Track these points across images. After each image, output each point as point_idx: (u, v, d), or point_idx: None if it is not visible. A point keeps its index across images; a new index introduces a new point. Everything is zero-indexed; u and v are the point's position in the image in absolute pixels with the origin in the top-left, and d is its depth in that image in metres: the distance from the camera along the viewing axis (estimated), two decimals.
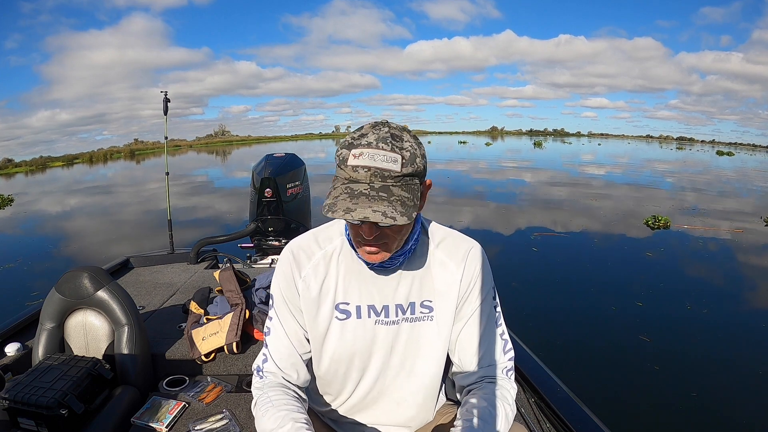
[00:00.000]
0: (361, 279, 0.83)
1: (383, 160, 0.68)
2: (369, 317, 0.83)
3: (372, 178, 0.68)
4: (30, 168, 38.94)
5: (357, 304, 0.83)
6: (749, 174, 21.86)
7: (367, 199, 0.67)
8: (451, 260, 0.85)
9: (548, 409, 1.30)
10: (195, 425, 1.30)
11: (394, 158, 0.68)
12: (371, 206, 0.66)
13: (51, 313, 1.45)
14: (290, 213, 3.13)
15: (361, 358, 0.85)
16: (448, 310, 0.85)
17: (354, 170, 0.69)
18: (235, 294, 1.81)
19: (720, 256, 6.11)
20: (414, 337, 0.85)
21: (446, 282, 0.84)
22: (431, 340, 0.85)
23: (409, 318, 0.84)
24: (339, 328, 0.83)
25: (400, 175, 0.69)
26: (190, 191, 13.04)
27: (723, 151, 53.65)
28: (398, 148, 0.69)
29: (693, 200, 10.98)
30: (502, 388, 0.83)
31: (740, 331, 3.65)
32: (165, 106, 2.93)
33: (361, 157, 0.68)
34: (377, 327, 0.83)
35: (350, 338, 0.83)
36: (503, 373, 0.86)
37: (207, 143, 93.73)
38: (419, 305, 0.84)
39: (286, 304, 0.85)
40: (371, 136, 0.70)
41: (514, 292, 1.34)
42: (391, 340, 0.84)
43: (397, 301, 0.83)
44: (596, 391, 2.66)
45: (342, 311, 0.83)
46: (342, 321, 0.83)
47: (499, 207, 9.71)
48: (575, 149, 44.13)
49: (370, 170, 0.68)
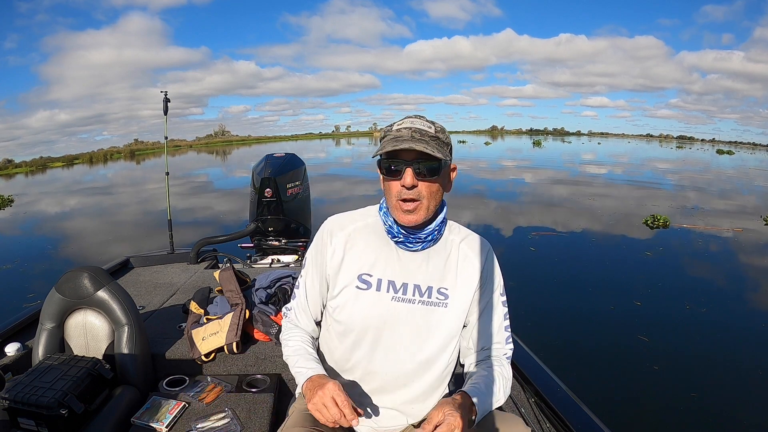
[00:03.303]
0: (388, 254, 0.91)
1: (421, 125, 0.85)
2: (387, 292, 0.90)
3: (413, 134, 0.83)
4: (30, 168, 38.92)
5: (379, 278, 0.90)
6: (749, 173, 21.85)
7: (411, 140, 0.82)
8: (475, 255, 0.94)
9: (548, 409, 1.30)
10: (196, 424, 1.30)
11: (429, 125, 0.86)
12: (413, 144, 0.81)
13: (51, 313, 1.45)
14: (290, 213, 3.13)
15: (373, 330, 0.90)
16: (465, 300, 0.92)
17: (398, 131, 0.85)
18: (235, 294, 1.81)
19: (719, 256, 6.11)
20: (427, 321, 0.90)
21: (469, 274, 0.93)
22: (443, 327, 0.91)
23: (426, 301, 0.90)
24: (358, 298, 0.90)
25: (435, 137, 0.85)
26: (190, 191, 13.04)
27: (723, 150, 53.67)
28: (432, 123, 0.87)
29: (692, 199, 10.98)
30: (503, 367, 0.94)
31: (739, 331, 3.65)
32: (165, 106, 2.92)
33: (403, 124, 0.86)
34: (393, 303, 0.90)
35: (366, 309, 0.90)
36: (503, 357, 0.96)
37: (207, 143, 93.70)
38: (436, 291, 0.91)
39: (314, 267, 0.96)
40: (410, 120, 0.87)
41: (512, 292, 1.32)
42: (405, 319, 0.90)
43: (417, 281, 0.90)
44: (596, 391, 2.66)
45: (363, 281, 0.90)
46: (362, 291, 0.90)
47: (496, 206, 9.71)
48: (575, 148, 44.13)
49: (411, 129, 0.84)
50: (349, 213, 0.98)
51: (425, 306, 0.90)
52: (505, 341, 0.96)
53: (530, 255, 5.87)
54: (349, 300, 0.91)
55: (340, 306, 0.92)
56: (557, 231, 7.21)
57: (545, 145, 46.98)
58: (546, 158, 27.78)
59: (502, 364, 0.94)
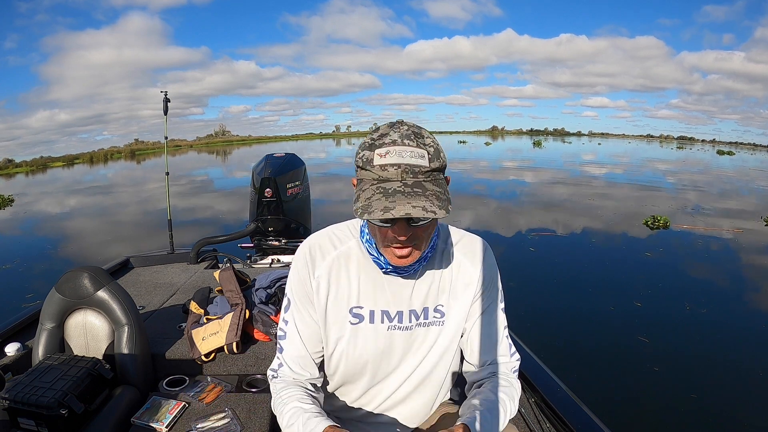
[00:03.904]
0: (376, 283, 0.82)
1: (411, 156, 0.67)
2: (382, 323, 0.82)
3: (403, 175, 0.66)
4: (30, 168, 38.96)
5: (371, 309, 0.82)
6: (750, 173, 21.85)
7: (404, 196, 0.64)
8: (467, 260, 0.85)
9: (548, 409, 1.30)
10: (196, 424, 1.30)
11: (421, 154, 0.67)
12: (410, 202, 0.64)
13: (51, 313, 1.45)
14: (290, 213, 3.13)
15: (373, 363, 0.84)
16: (461, 311, 0.85)
17: (383, 169, 0.67)
18: (235, 294, 1.81)
19: (719, 257, 6.11)
20: (426, 342, 0.84)
21: (464, 282, 0.84)
22: (442, 344, 0.85)
23: (423, 323, 0.83)
24: (352, 332, 0.82)
25: (429, 170, 0.68)
26: (190, 191, 13.05)
27: (723, 150, 53.66)
28: (422, 144, 0.68)
29: (693, 200, 10.98)
30: (510, 386, 0.84)
31: (739, 332, 3.65)
32: (165, 106, 2.92)
33: (388, 155, 0.67)
34: (390, 333, 0.83)
35: (362, 343, 0.83)
36: (510, 371, 0.87)
37: (207, 143, 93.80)
38: (432, 310, 0.84)
39: (301, 302, 0.83)
40: (394, 135, 0.68)
41: (511, 292, 1.34)
42: (404, 347, 0.84)
43: (412, 306, 0.82)
44: (596, 391, 2.66)
45: (355, 315, 0.82)
46: (355, 325, 0.82)
47: (496, 206, 9.71)
48: (575, 149, 44.12)
49: (401, 167, 0.66)
50: (326, 235, 0.86)
51: (423, 328, 0.84)
52: (509, 353, 0.88)
53: (530, 255, 5.87)
54: (342, 336, 0.83)
55: (333, 343, 0.84)
56: (557, 232, 7.22)
57: (545, 146, 47.01)
58: (546, 159, 27.79)
59: (510, 383, 0.85)
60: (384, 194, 0.65)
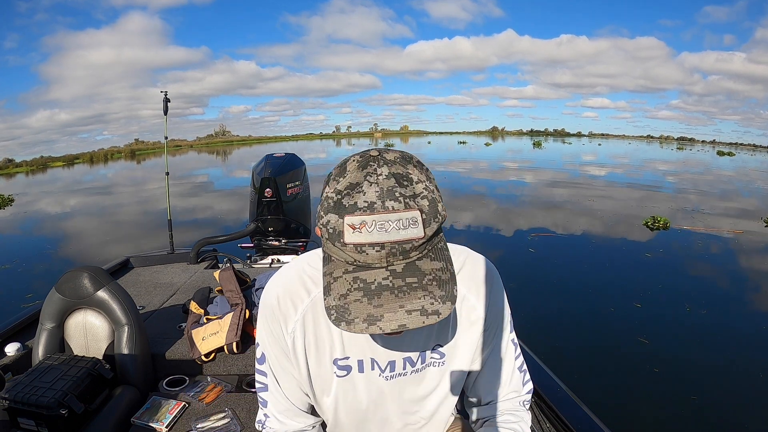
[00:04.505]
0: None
1: (398, 227, 0.48)
2: (373, 370, 0.71)
3: (390, 259, 0.49)
4: (30, 168, 39.01)
5: (359, 359, 0.70)
6: (750, 174, 21.86)
7: (393, 295, 0.47)
8: (472, 294, 0.71)
9: (548, 409, 1.30)
10: (196, 424, 1.30)
11: (412, 219, 0.48)
12: (403, 306, 0.47)
13: (51, 313, 1.45)
14: (290, 213, 3.13)
15: (367, 410, 0.75)
16: (466, 352, 0.73)
17: (359, 251, 0.48)
18: (235, 294, 1.81)
19: (720, 258, 6.11)
20: (426, 384, 0.75)
21: (468, 320, 0.71)
22: (444, 384, 0.75)
23: (419, 368, 0.72)
24: (340, 386, 0.72)
25: (426, 241, 0.50)
26: (190, 191, 13.05)
27: (724, 151, 53.68)
28: (412, 198, 0.49)
29: (693, 201, 10.98)
30: (521, 420, 0.76)
31: (740, 333, 3.65)
32: (165, 106, 2.93)
33: (365, 228, 0.47)
34: (381, 381, 0.72)
35: (352, 395, 0.73)
36: (521, 405, 0.78)
37: (207, 143, 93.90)
38: (430, 352, 0.72)
39: (277, 358, 0.71)
40: (370, 191, 0.48)
41: (511, 293, 1.33)
42: (399, 392, 0.74)
43: (405, 353, 0.70)
44: (596, 392, 2.66)
45: (341, 368, 0.70)
46: (342, 378, 0.71)
47: (495, 207, 9.71)
48: (575, 149, 44.15)
49: (385, 248, 0.48)
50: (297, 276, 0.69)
51: (419, 373, 0.72)
52: (521, 384, 0.78)
53: (529, 256, 5.86)
54: (325, 390, 0.72)
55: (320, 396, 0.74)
56: (557, 232, 7.22)
57: (545, 146, 47.01)
58: (546, 159, 27.79)
59: (520, 417, 0.76)
60: (365, 293, 0.48)
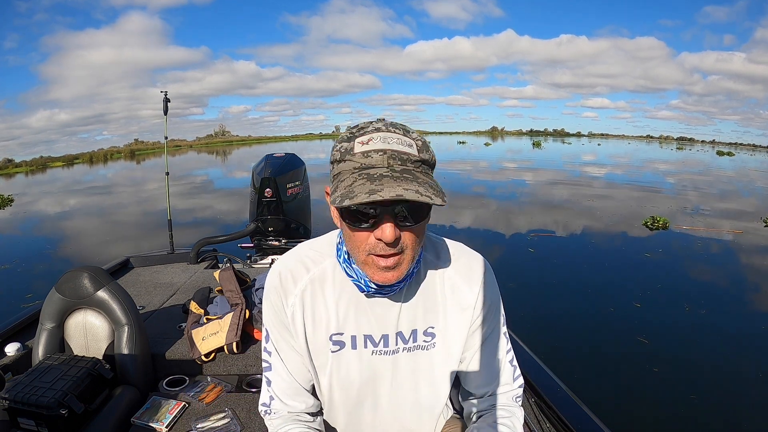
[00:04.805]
0: (358, 306, 0.74)
1: (398, 143, 0.59)
2: (366, 347, 0.75)
3: (390, 161, 0.58)
4: (30, 168, 38.99)
5: (352, 334, 0.74)
6: (749, 174, 21.87)
7: (392, 180, 0.56)
8: (464, 282, 0.76)
9: (548, 409, 1.30)
10: (196, 424, 1.31)
11: (409, 143, 0.60)
12: (399, 185, 0.55)
13: (51, 313, 1.45)
14: (290, 213, 3.13)
15: (359, 390, 0.78)
16: (457, 337, 0.77)
17: (365, 156, 0.58)
18: (235, 294, 1.81)
19: (719, 258, 6.11)
20: (416, 367, 0.78)
21: (459, 306, 0.76)
22: (435, 369, 0.78)
23: (411, 347, 0.76)
24: (333, 360, 0.76)
25: (419, 161, 0.60)
26: (190, 191, 13.05)
27: (723, 151, 53.75)
28: (409, 135, 0.62)
29: (692, 201, 10.99)
30: (512, 416, 0.78)
31: (739, 333, 3.65)
32: (165, 106, 2.93)
33: (372, 142, 0.59)
34: (374, 358, 0.76)
35: (345, 371, 0.76)
36: (512, 400, 0.81)
37: (207, 143, 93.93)
38: (422, 332, 0.76)
39: (280, 333, 0.76)
40: (377, 124, 0.62)
41: (510, 293, 1.35)
42: (391, 371, 0.77)
43: (399, 328, 0.75)
44: (596, 391, 2.67)
45: (336, 342, 0.75)
46: (336, 353, 0.75)
47: (495, 207, 9.71)
48: (575, 150, 44.16)
49: (386, 153, 0.58)
50: (297, 257, 0.76)
51: (410, 353, 0.76)
52: (513, 379, 0.81)
53: (529, 256, 5.87)
54: (325, 365, 0.76)
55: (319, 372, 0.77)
56: (556, 232, 7.22)
57: (545, 146, 47.05)
58: (545, 159, 27.81)
59: (512, 413, 0.78)
60: (368, 179, 0.56)
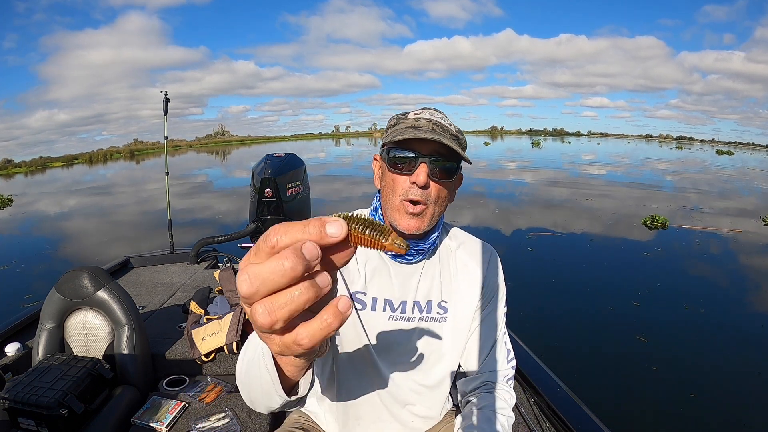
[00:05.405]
0: (382, 271, 0.82)
1: (442, 119, 0.77)
2: (384, 311, 0.81)
3: (434, 127, 0.75)
4: (30, 168, 38.98)
5: (374, 296, 0.81)
6: (749, 173, 21.88)
7: (434, 133, 0.72)
8: (474, 263, 0.85)
9: (548, 409, 1.30)
10: (196, 424, 1.31)
11: (450, 122, 0.78)
12: (438, 138, 0.71)
13: (51, 313, 1.45)
14: (290, 213, 3.13)
15: (371, 352, 0.82)
16: (466, 313, 0.84)
17: (416, 120, 0.76)
18: (235, 294, 1.81)
19: (718, 257, 6.11)
20: (427, 338, 0.83)
21: (469, 284, 0.84)
22: (444, 343, 0.83)
23: (426, 317, 0.83)
24: (352, 317, 0.80)
25: (455, 136, 0.77)
26: (190, 191, 13.04)
27: (723, 150, 53.81)
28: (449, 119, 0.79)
29: (692, 200, 10.99)
30: (503, 397, 0.82)
31: (738, 332, 3.65)
32: (165, 106, 2.93)
33: (422, 114, 0.77)
34: (391, 323, 0.82)
35: (361, 330, 0.81)
36: (504, 381, 0.85)
37: (207, 143, 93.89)
38: (436, 305, 0.83)
39: None
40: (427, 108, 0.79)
41: (510, 293, 1.35)
42: (404, 338, 0.82)
43: (416, 297, 0.82)
44: (595, 391, 2.66)
45: (358, 300, 0.81)
46: (357, 311, 0.81)
47: (495, 207, 9.71)
48: (574, 149, 44.15)
49: (432, 121, 0.76)
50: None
51: (425, 322, 0.83)
52: (506, 360, 0.87)
53: (528, 255, 5.87)
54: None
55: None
56: (555, 231, 7.22)
57: (544, 146, 47.05)
58: (545, 159, 27.81)
59: (502, 394, 0.83)
60: (415, 129, 0.74)
